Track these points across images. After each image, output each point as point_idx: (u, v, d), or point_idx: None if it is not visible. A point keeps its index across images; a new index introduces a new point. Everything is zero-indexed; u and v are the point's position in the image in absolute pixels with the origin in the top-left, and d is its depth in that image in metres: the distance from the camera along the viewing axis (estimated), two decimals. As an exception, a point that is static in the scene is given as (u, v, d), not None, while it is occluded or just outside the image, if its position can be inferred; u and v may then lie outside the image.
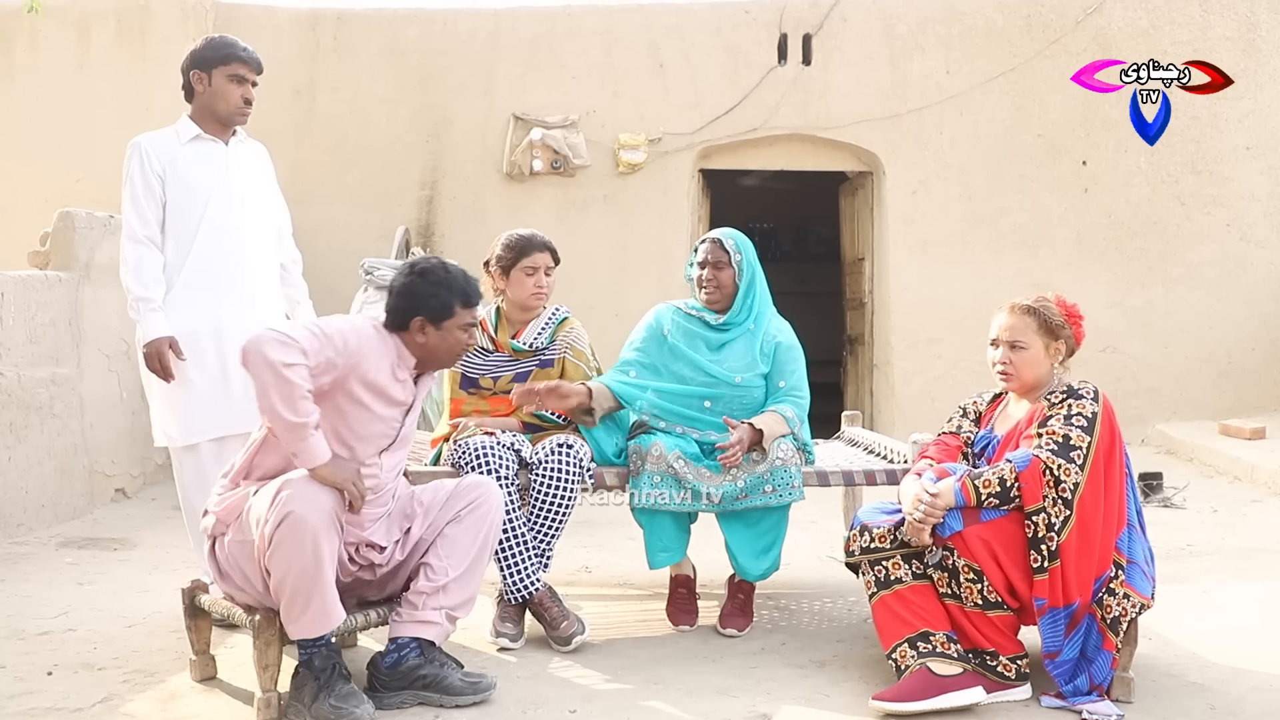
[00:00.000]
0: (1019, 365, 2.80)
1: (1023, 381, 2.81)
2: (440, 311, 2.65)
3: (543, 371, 3.41)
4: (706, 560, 3.52)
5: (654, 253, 6.85)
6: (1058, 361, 2.81)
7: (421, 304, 2.64)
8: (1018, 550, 2.60)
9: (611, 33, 6.95)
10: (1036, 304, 2.84)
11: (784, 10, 6.87)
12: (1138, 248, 6.82)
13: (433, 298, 2.64)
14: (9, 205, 6.85)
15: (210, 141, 3.34)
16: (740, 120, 6.87)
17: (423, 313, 2.64)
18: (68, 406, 4.77)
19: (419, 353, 2.69)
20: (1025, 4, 6.84)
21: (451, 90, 6.94)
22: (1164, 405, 6.77)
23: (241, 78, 3.33)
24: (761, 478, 3.12)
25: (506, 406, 3.39)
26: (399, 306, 2.67)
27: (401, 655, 2.61)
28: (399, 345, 2.68)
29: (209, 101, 3.32)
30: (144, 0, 7.04)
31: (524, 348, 3.40)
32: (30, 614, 3.38)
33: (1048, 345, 2.80)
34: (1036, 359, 2.80)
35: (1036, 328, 2.80)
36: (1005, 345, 2.82)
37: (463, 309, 2.68)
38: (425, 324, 2.65)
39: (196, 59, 3.33)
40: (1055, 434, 2.61)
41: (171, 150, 3.30)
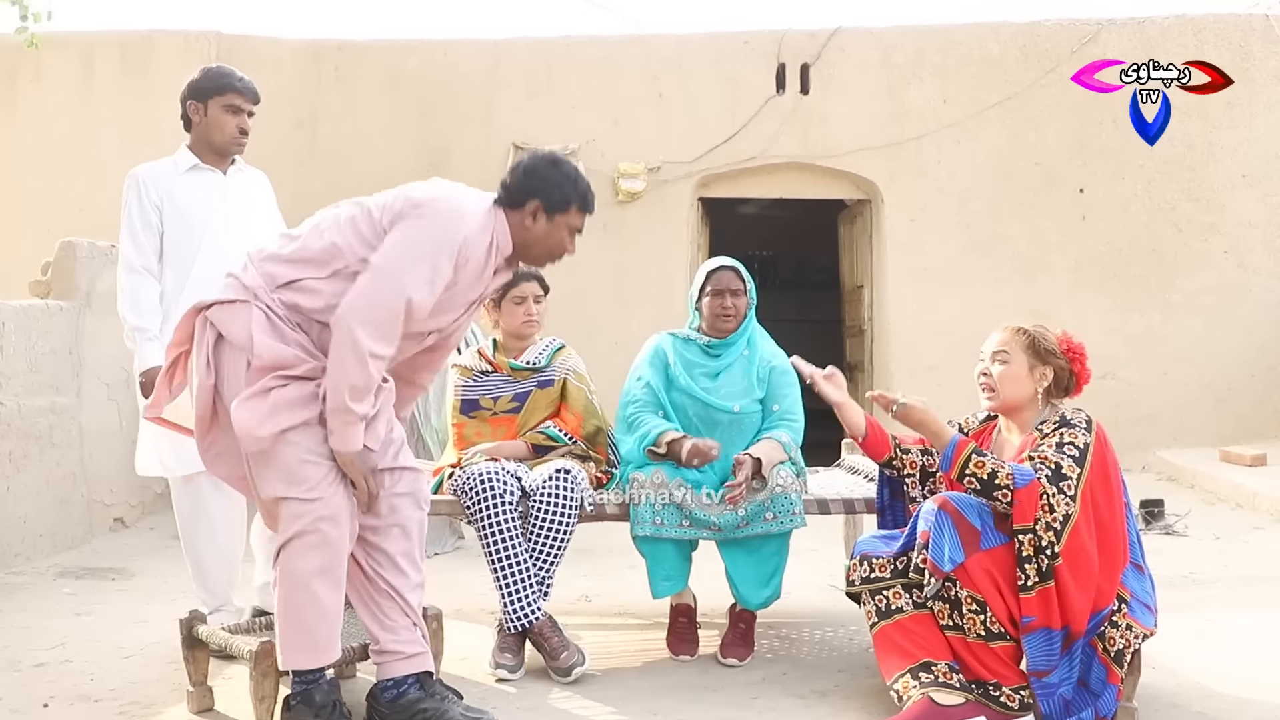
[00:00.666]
0: (1000, 379, 2.79)
1: (1003, 399, 2.80)
2: (559, 203, 2.60)
3: (542, 393, 3.45)
4: (707, 589, 3.50)
5: (653, 281, 6.87)
6: (1042, 388, 2.79)
7: (544, 189, 2.60)
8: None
9: (611, 63, 7.01)
10: (1031, 327, 2.85)
11: (782, 40, 6.93)
12: (1136, 275, 6.84)
13: (557, 188, 2.60)
14: (12, 235, 6.88)
15: (208, 171, 3.36)
16: (739, 149, 6.92)
17: (541, 197, 2.59)
18: (67, 435, 4.77)
19: (520, 237, 2.61)
20: (1021, 34, 6.90)
21: (452, 120, 6.99)
22: (1164, 432, 6.76)
23: (237, 108, 3.34)
24: (762, 505, 3.11)
25: (509, 428, 3.41)
26: (521, 184, 2.60)
27: (401, 690, 2.59)
28: (501, 226, 2.60)
29: (205, 131, 3.35)
30: (147, 32, 7.11)
31: (522, 365, 3.45)
32: (27, 645, 3.36)
33: (1032, 367, 2.79)
34: (1018, 376, 2.78)
35: (1024, 346, 2.80)
36: (990, 356, 2.83)
37: (578, 211, 2.65)
38: (540, 209, 2.59)
39: (193, 89, 3.35)
40: (1049, 460, 2.60)
41: (169, 180, 3.32)
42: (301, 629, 2.45)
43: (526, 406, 3.45)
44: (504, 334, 3.50)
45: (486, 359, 3.49)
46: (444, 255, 2.44)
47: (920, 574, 2.67)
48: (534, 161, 2.63)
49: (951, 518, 2.61)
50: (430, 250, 2.43)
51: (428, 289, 2.42)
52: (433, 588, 4.05)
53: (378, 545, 2.58)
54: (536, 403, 3.45)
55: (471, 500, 3.09)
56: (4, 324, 4.40)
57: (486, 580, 3.21)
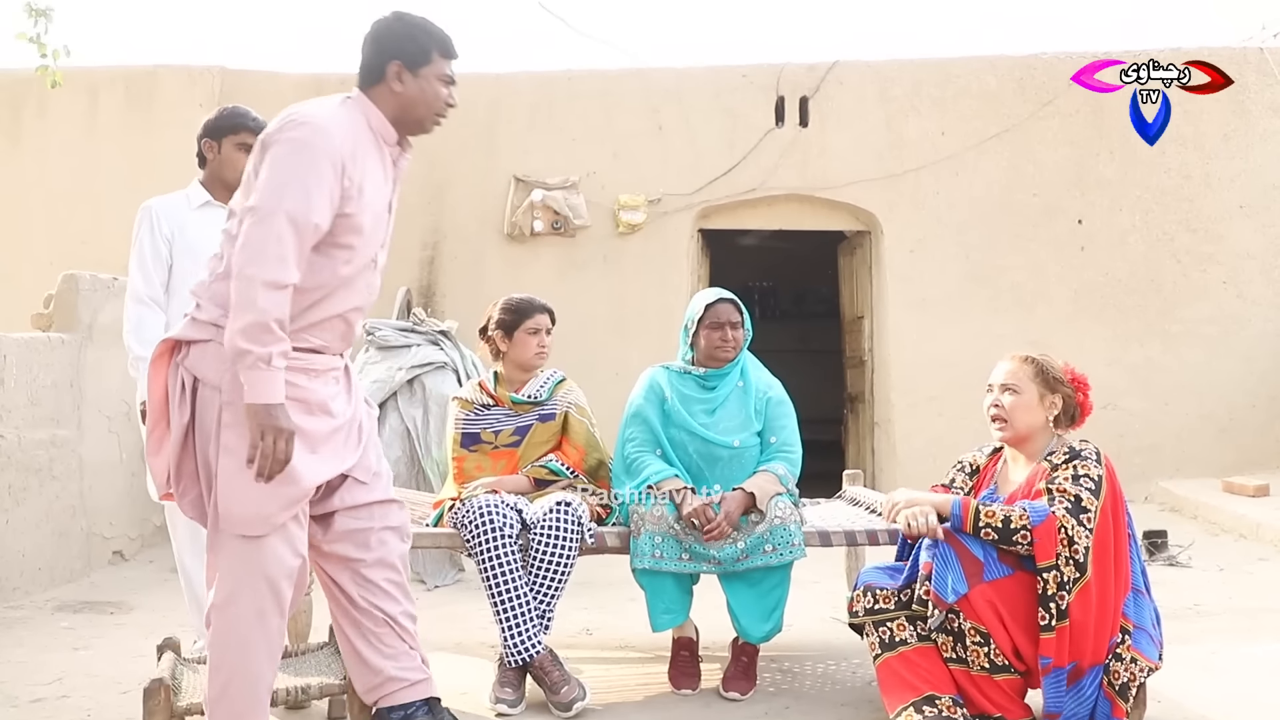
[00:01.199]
0: (1011, 410, 2.80)
1: (1015, 430, 2.80)
2: (419, 55, 2.45)
3: (544, 426, 3.45)
4: (709, 622, 3.48)
5: (654, 312, 6.88)
6: (1051, 417, 2.80)
7: (399, 47, 2.45)
8: (1024, 611, 2.57)
9: (611, 96, 7.07)
10: (1037, 355, 2.87)
11: (781, 74, 6.99)
12: (1135, 305, 6.86)
13: (411, 40, 2.47)
14: (16, 267, 6.90)
15: (219, 208, 3.39)
16: (739, 181, 6.96)
17: (399, 55, 2.45)
18: (67, 468, 4.76)
19: (394, 107, 2.46)
20: (1018, 66, 6.96)
21: (453, 153, 7.04)
22: (1166, 462, 6.75)
23: (249, 146, 3.36)
24: (761, 537, 3.10)
25: (510, 462, 3.41)
26: (373, 52, 2.46)
27: (409, 715, 2.56)
28: (369, 109, 2.45)
29: (218, 169, 3.42)
30: (151, 67, 7.17)
31: (523, 399, 3.45)
32: (24, 680, 3.33)
33: (1042, 396, 2.80)
34: (1029, 405, 2.79)
35: (1033, 375, 2.82)
36: (1000, 388, 2.83)
37: (441, 57, 2.48)
38: (402, 70, 2.45)
39: (209, 128, 3.43)
40: (1068, 493, 2.60)
41: (181, 214, 3.40)
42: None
43: (527, 440, 3.44)
44: (511, 365, 3.50)
45: (488, 392, 3.50)
46: (314, 166, 2.27)
47: (924, 606, 2.66)
48: (378, 25, 2.48)
49: (955, 549, 2.61)
50: (296, 168, 2.27)
51: (308, 203, 2.25)
52: (433, 620, 4.05)
53: (368, 578, 2.55)
54: (537, 436, 3.45)
55: (471, 533, 3.08)
56: (5, 357, 4.40)
57: (487, 613, 3.20)
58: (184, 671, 2.72)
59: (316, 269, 2.36)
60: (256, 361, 2.21)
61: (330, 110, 2.39)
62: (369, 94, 2.48)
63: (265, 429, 2.24)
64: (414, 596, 2.68)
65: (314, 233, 2.28)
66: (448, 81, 2.51)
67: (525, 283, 5.92)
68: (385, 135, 2.48)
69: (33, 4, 5.60)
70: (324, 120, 2.33)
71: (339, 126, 2.35)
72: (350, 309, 2.47)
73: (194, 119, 3.76)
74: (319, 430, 2.45)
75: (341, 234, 2.36)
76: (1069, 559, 2.53)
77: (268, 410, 2.24)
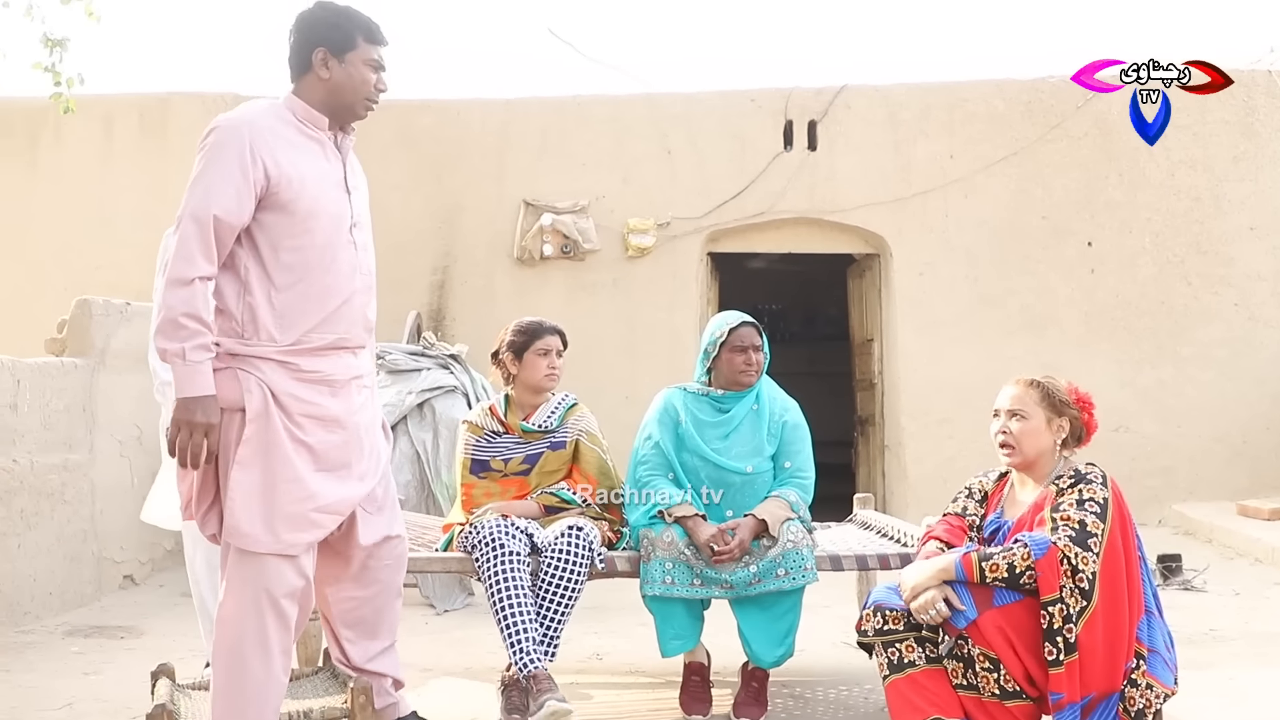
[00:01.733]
0: (1020, 436, 2.78)
1: (1024, 455, 2.79)
2: (343, 42, 2.48)
3: (554, 454, 3.42)
4: (720, 646, 3.46)
5: (663, 335, 6.89)
6: (1059, 440, 2.79)
7: (322, 35, 2.48)
8: (1034, 637, 2.54)
9: (620, 121, 7.11)
10: (1042, 379, 2.84)
11: (789, 98, 7.02)
12: (1146, 327, 6.84)
13: (334, 28, 2.50)
14: (31, 293, 6.96)
15: None
16: (748, 204, 6.98)
17: (325, 43, 2.48)
18: (79, 493, 4.77)
19: (323, 95, 2.50)
20: (1025, 90, 6.98)
21: (464, 177, 7.08)
22: (1180, 485, 6.70)
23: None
24: (774, 561, 3.09)
25: (519, 489, 3.40)
26: (299, 41, 2.50)
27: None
28: (294, 102, 2.50)
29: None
30: (165, 95, 7.24)
31: (534, 428, 3.42)
32: (34, 705, 3.33)
33: (1050, 420, 2.78)
34: (1037, 431, 2.77)
35: (1039, 400, 2.79)
36: (1006, 414, 2.82)
37: (366, 42, 2.51)
38: (328, 56, 2.48)
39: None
40: (1071, 520, 2.57)
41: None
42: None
43: (537, 469, 3.42)
44: (521, 388, 3.45)
45: (498, 418, 3.47)
46: (217, 162, 2.34)
47: (934, 630, 2.64)
48: (302, 15, 2.52)
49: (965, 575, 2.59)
50: (202, 172, 2.35)
51: (206, 198, 2.32)
52: (442, 645, 4.04)
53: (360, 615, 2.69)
54: (548, 465, 3.43)
55: (480, 553, 3.07)
56: (19, 381, 4.43)
57: (496, 638, 3.18)
58: (180, 699, 2.71)
59: (283, 256, 2.41)
60: (173, 357, 2.30)
61: (244, 109, 2.47)
62: (299, 85, 2.53)
63: (181, 423, 2.31)
64: (423, 620, 2.68)
65: (216, 224, 2.33)
66: (376, 67, 2.55)
67: (535, 306, 5.93)
68: (314, 121, 2.51)
69: (49, 34, 5.68)
70: (232, 119, 2.41)
71: (248, 123, 2.40)
72: (340, 284, 2.48)
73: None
74: (334, 449, 2.48)
75: (290, 217, 2.41)
76: (1074, 589, 2.50)
77: (185, 404, 2.31)
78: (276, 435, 2.38)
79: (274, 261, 2.39)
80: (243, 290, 2.40)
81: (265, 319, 2.39)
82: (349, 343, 2.52)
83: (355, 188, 2.59)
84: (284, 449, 2.38)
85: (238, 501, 2.35)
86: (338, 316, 2.48)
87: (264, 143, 2.38)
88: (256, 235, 2.40)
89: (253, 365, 2.39)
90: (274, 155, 2.39)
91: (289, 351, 2.41)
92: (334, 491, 2.47)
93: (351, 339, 2.52)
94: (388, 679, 2.71)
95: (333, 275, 2.46)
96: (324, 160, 2.51)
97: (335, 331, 2.48)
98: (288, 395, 2.40)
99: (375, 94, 2.56)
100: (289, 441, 2.39)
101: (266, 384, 2.38)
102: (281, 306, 2.39)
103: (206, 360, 2.32)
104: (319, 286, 2.44)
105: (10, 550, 4.34)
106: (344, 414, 2.50)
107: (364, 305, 2.57)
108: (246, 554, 2.37)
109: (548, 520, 3.32)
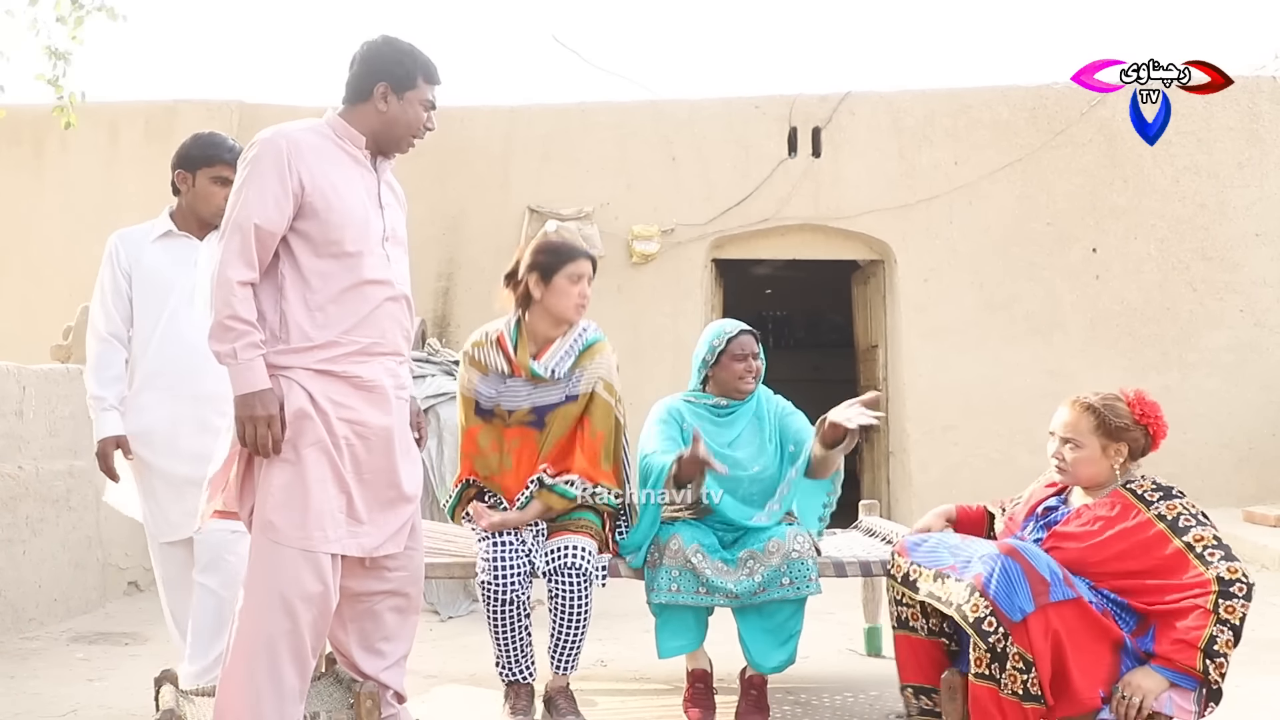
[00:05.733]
0: (1074, 464, 2.70)
1: (1077, 478, 2.75)
2: (405, 80, 2.57)
3: (568, 408, 3.15)
4: (723, 654, 3.46)
5: (668, 342, 6.89)
6: (1118, 464, 2.72)
7: (387, 70, 2.56)
8: (1079, 637, 2.50)
9: (624, 127, 7.12)
10: (1099, 403, 2.72)
11: (793, 105, 7.03)
12: (1152, 334, 6.83)
13: (398, 65, 2.58)
14: (37, 300, 6.98)
15: (182, 238, 3.18)
16: (752, 211, 6.98)
17: (386, 78, 2.56)
18: (84, 499, 4.78)
19: (374, 124, 2.58)
20: (1030, 96, 6.99)
21: (468, 184, 7.09)
22: (1185, 492, 6.67)
23: (225, 179, 3.10)
24: (778, 570, 3.08)
25: (525, 443, 3.17)
26: (361, 72, 2.57)
27: None
28: (339, 124, 2.58)
29: (192, 203, 3.18)
30: (171, 102, 7.27)
31: (544, 374, 3.12)
32: (39, 712, 3.33)
33: (1105, 447, 2.69)
34: (1093, 459, 2.69)
35: (1094, 427, 2.69)
36: (1060, 440, 2.74)
37: (425, 82, 2.60)
38: (389, 91, 2.56)
39: (181, 157, 3.22)
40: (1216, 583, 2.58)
41: (140, 246, 3.17)
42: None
43: (549, 426, 3.16)
44: (541, 316, 3.14)
45: (505, 353, 3.15)
46: (256, 173, 2.45)
47: (974, 626, 2.56)
48: (369, 48, 2.60)
49: (1022, 568, 2.54)
50: (242, 185, 2.46)
51: (246, 208, 2.42)
52: (447, 652, 4.03)
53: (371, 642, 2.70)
54: (559, 423, 3.16)
55: (480, 582, 3.07)
56: (25, 388, 4.44)
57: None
58: (185, 705, 2.72)
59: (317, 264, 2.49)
60: (225, 359, 2.40)
61: (283, 126, 2.55)
62: (351, 110, 2.60)
63: (245, 420, 2.39)
64: (428, 627, 2.69)
65: (257, 231, 2.42)
66: (429, 106, 2.64)
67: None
68: (352, 140, 2.59)
69: (53, 47, 5.71)
70: (271, 135, 2.50)
71: (285, 136, 2.50)
72: (372, 291, 2.53)
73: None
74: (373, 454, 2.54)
75: (323, 226, 2.48)
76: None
77: (244, 401, 2.39)
78: (314, 435, 2.45)
79: (309, 268, 2.48)
80: (279, 297, 2.49)
81: (300, 320, 2.47)
82: (383, 347, 2.57)
83: (389, 204, 2.67)
84: (320, 449, 2.45)
85: (271, 496, 2.43)
86: (371, 321, 2.54)
87: (299, 155, 2.48)
88: (292, 243, 2.49)
89: (293, 373, 2.46)
90: (309, 167, 2.48)
91: (325, 358, 2.48)
92: (373, 498, 2.54)
93: (386, 343, 2.58)
94: (390, 690, 2.71)
95: (365, 282, 2.53)
96: (358, 175, 2.59)
97: (369, 335, 2.53)
98: (326, 400, 2.47)
99: (423, 132, 2.66)
100: (327, 443, 2.46)
101: (306, 389, 2.45)
102: (315, 308, 2.48)
103: (258, 357, 2.41)
104: (352, 292, 2.51)
105: (15, 556, 4.35)
106: (383, 420, 2.55)
107: (398, 314, 2.62)
108: (269, 551, 2.42)
109: (552, 521, 3.17)
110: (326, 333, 2.48)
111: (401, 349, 2.64)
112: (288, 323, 2.47)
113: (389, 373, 2.58)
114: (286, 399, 2.44)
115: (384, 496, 2.57)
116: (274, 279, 2.49)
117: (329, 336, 2.48)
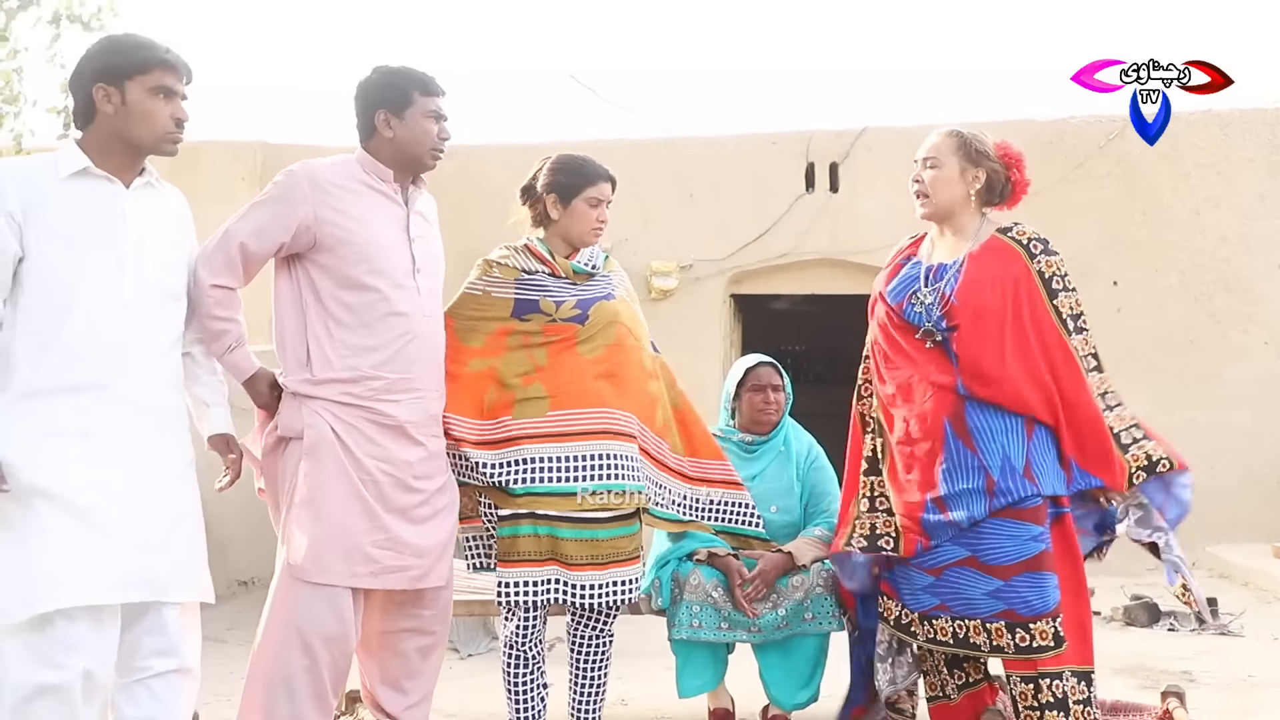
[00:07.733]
0: (932, 183, 2.76)
1: (936, 205, 2.75)
2: (399, 100, 2.60)
3: (607, 306, 2.94)
4: (744, 690, 3.41)
5: (687, 377, 6.77)
6: (974, 190, 2.70)
7: (380, 96, 2.62)
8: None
9: (640, 164, 7.15)
10: (964, 128, 2.81)
11: (810, 140, 7.06)
12: (1175, 367, 6.76)
13: (389, 88, 2.62)
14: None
15: (102, 180, 2.33)
16: (770, 246, 6.99)
17: (384, 105, 2.61)
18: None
19: (391, 151, 2.64)
20: (1047, 130, 6.98)
21: (485, 222, 7.05)
22: (1213, 527, 6.56)
23: (170, 89, 2.37)
24: (801, 605, 3.05)
25: (564, 342, 2.88)
26: (361, 108, 2.65)
27: None
28: (363, 157, 2.66)
29: (120, 125, 2.33)
30: (195, 144, 7.34)
31: (585, 268, 2.96)
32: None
33: (964, 170, 2.74)
34: (950, 180, 2.75)
35: (954, 148, 2.77)
36: (921, 163, 2.79)
37: (422, 96, 2.63)
38: (389, 116, 2.61)
39: (100, 69, 2.33)
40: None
41: (41, 186, 2.26)
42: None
43: (591, 321, 2.92)
44: (557, 239, 2.97)
45: (540, 257, 2.94)
46: (268, 200, 2.57)
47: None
48: (361, 83, 2.66)
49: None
50: (256, 201, 2.59)
51: (253, 231, 2.55)
52: (467, 690, 3.99)
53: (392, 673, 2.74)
54: (600, 318, 2.93)
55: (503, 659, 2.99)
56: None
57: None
58: None
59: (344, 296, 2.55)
60: (216, 356, 2.58)
61: (311, 161, 2.65)
62: (368, 147, 2.66)
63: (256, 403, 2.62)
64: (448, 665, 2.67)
65: (241, 248, 2.55)
66: (436, 117, 2.66)
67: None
68: (379, 174, 2.64)
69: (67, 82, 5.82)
70: (296, 167, 2.60)
71: (307, 171, 2.58)
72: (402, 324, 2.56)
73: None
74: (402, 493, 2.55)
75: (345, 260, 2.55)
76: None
77: (248, 387, 2.61)
78: (335, 470, 2.46)
79: (332, 298, 2.54)
80: (304, 327, 2.54)
81: (325, 349, 2.51)
82: (417, 384, 2.58)
83: (419, 236, 2.71)
84: (341, 485, 2.46)
85: (292, 529, 2.47)
86: (403, 355, 2.55)
87: (318, 189, 2.55)
88: (313, 274, 2.54)
89: (316, 404, 2.49)
90: (327, 201, 2.54)
91: (350, 392, 2.49)
92: (400, 536, 2.53)
93: (418, 380, 2.58)
94: None
95: (391, 314, 2.56)
96: (386, 209, 2.64)
97: (396, 371, 2.54)
98: (351, 432, 2.48)
99: (440, 143, 2.69)
100: (353, 477, 2.46)
101: (329, 422, 2.46)
102: (339, 338, 2.52)
103: (240, 348, 2.56)
104: (378, 324, 2.54)
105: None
106: (409, 456, 2.54)
107: (431, 347, 2.64)
108: (289, 586, 2.43)
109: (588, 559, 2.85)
110: (350, 363, 2.49)
111: (432, 383, 2.63)
112: (311, 352, 2.51)
113: (424, 412, 2.58)
114: (308, 428, 2.46)
115: (412, 532, 2.54)
116: (298, 307, 2.53)
117: (354, 368, 2.49)
